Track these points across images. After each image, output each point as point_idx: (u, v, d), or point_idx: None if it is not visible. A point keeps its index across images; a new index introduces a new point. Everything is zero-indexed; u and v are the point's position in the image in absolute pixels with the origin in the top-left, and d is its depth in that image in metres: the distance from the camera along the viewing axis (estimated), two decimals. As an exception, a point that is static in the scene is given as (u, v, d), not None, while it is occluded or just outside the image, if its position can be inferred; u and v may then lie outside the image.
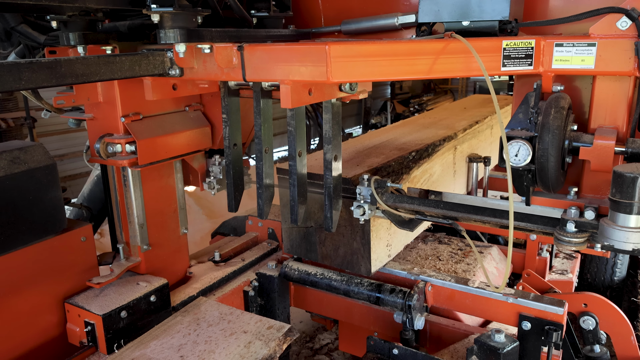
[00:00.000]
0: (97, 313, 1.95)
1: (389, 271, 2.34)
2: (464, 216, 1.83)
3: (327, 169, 1.86)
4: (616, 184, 1.36)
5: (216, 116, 2.40)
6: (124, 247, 2.24)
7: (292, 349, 4.04)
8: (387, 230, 2.27)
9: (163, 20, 1.61)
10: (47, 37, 2.08)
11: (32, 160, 1.87)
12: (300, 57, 1.51)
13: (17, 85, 1.35)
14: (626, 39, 1.47)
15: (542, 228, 1.65)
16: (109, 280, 2.08)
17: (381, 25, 1.93)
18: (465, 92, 14.68)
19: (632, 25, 1.46)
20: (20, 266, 1.87)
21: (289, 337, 2.01)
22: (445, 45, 1.57)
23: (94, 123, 2.14)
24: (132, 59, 1.64)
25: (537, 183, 1.61)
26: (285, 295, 2.63)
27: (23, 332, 1.92)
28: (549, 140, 1.50)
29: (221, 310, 2.21)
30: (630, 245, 1.38)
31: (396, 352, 2.08)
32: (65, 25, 1.87)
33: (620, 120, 1.59)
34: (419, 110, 12.48)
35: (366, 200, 1.95)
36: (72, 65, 1.47)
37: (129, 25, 1.95)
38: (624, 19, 1.47)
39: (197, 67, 1.75)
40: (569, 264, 3.29)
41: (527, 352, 1.97)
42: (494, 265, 2.89)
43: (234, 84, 1.96)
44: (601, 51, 1.51)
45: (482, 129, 3.34)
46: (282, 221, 2.44)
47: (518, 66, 1.59)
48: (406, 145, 2.70)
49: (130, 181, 2.16)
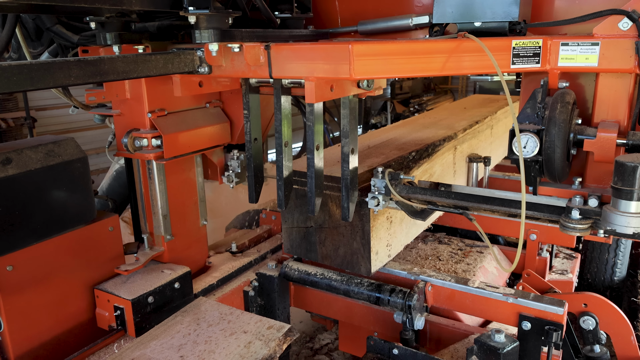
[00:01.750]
0: (126, 298, 2.05)
1: (389, 271, 2.34)
2: (474, 205, 1.89)
3: (345, 161, 1.93)
4: (618, 172, 1.47)
5: (234, 112, 2.50)
6: (148, 237, 2.34)
7: (292, 349, 4.04)
8: (387, 231, 2.27)
9: (199, 21, 1.71)
10: (80, 37, 2.19)
11: (65, 153, 2.00)
12: (325, 55, 1.62)
13: (67, 80, 1.44)
14: (627, 39, 1.57)
15: (548, 216, 1.74)
16: (136, 268, 2.18)
17: (396, 25, 2.04)
18: (465, 92, 14.67)
19: (632, 26, 1.56)
20: (54, 253, 1.97)
21: (289, 337, 2.01)
22: (458, 44, 1.68)
23: (121, 118, 2.24)
24: (166, 58, 1.76)
25: (544, 173, 1.72)
26: (285, 295, 2.63)
27: (55, 316, 2.02)
28: (556, 133, 1.62)
29: (221, 310, 2.21)
30: (631, 229, 1.47)
31: (396, 352, 2.08)
32: (103, 26, 1.96)
33: (622, 114, 1.70)
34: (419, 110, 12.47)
35: (380, 191, 2.01)
36: (114, 63, 1.57)
37: (158, 26, 2.06)
38: (625, 20, 1.57)
39: (225, 64, 1.85)
40: (569, 264, 3.29)
41: (527, 352, 1.97)
42: (494, 265, 2.89)
43: (255, 82, 2.03)
44: (604, 50, 1.61)
45: (482, 129, 3.34)
46: (282, 221, 2.44)
47: (526, 64, 1.70)
48: (406, 145, 2.70)
49: (155, 174, 2.26)
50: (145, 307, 2.10)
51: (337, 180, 2.15)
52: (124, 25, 1.99)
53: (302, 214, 2.34)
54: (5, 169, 1.80)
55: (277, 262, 2.64)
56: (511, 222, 2.95)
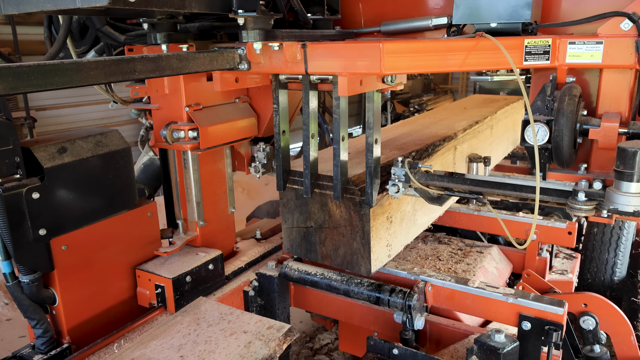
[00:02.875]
0: (167, 277, 2.25)
1: (389, 271, 2.34)
2: (487, 191, 2.00)
3: (369, 151, 2.07)
4: (620, 157, 1.62)
5: (261, 107, 2.70)
6: (182, 223, 2.54)
7: (292, 349, 4.04)
8: (387, 231, 2.27)
9: (246, 22, 1.88)
10: (126, 37, 2.35)
11: (112, 144, 2.19)
12: (357, 53, 1.77)
13: (132, 75, 1.58)
14: (628, 38, 1.79)
15: (556, 199, 1.87)
16: (173, 250, 2.40)
17: (417, 26, 2.23)
18: (465, 92, 14.67)
19: (633, 26, 1.78)
20: (101, 235, 2.18)
21: (289, 337, 2.01)
22: (476, 43, 1.87)
23: (160, 112, 2.42)
24: (211, 55, 1.89)
25: (553, 160, 1.93)
26: (285, 295, 2.63)
27: (101, 293, 2.23)
28: (564, 123, 1.82)
29: (221, 310, 2.21)
30: (632, 207, 1.64)
31: (396, 352, 2.08)
32: (154, 27, 2.12)
33: (623, 106, 1.92)
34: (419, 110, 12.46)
35: (400, 179, 2.13)
36: (169, 60, 1.72)
37: (199, 27, 2.23)
38: (626, 21, 1.79)
39: (264, 62, 1.99)
40: (569, 264, 3.29)
41: (527, 352, 1.97)
42: (494, 265, 2.89)
43: (284, 78, 2.17)
44: (607, 48, 1.81)
45: (482, 129, 3.33)
46: (282, 221, 2.44)
47: (537, 61, 1.89)
48: (406, 145, 2.70)
49: (190, 164, 2.46)
50: (183, 285, 2.30)
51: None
52: (172, 27, 2.15)
53: (302, 214, 2.34)
54: (61, 157, 1.99)
55: (277, 262, 2.64)
56: (511, 222, 2.95)
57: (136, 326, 2.17)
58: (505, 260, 3.03)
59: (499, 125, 3.73)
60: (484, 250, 2.95)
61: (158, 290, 2.28)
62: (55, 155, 1.98)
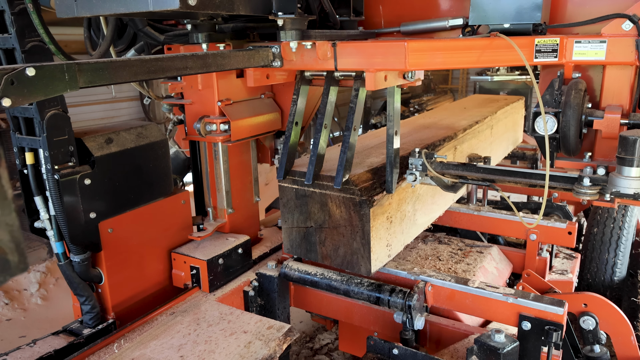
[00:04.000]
0: (202, 259, 2.44)
1: (389, 271, 2.34)
2: (499, 178, 2.16)
3: (389, 142, 2.18)
4: (622, 144, 1.79)
5: (285, 103, 2.89)
6: (212, 210, 2.74)
7: (292, 349, 4.04)
8: (387, 231, 2.27)
9: (285, 23, 2.05)
10: (165, 37, 2.49)
11: (151, 135, 2.37)
12: (384, 51, 1.93)
13: (184, 71, 1.72)
14: (629, 38, 1.96)
15: (563, 185, 2.03)
16: (206, 235, 2.59)
17: (434, 27, 2.41)
18: (465, 92, 14.66)
19: (633, 27, 1.95)
20: (142, 220, 2.38)
21: (289, 337, 2.01)
22: (491, 42, 2.06)
23: (193, 107, 2.60)
24: (249, 54, 2.05)
25: (560, 149, 2.09)
26: (285, 295, 2.63)
27: (141, 274, 2.43)
28: (571, 114, 1.99)
29: (221, 310, 2.21)
30: (632, 190, 1.80)
31: (396, 352, 2.08)
32: (196, 27, 2.25)
33: (625, 99, 2.08)
34: (419, 110, 12.45)
35: (417, 168, 2.26)
36: (215, 58, 1.85)
37: (233, 27, 2.39)
38: (627, 22, 1.95)
39: (296, 59, 2.14)
40: (569, 264, 3.29)
41: (527, 352, 1.97)
42: (494, 265, 2.89)
43: (309, 74, 2.32)
44: (610, 46, 1.99)
45: (482, 129, 3.33)
46: (282, 221, 2.44)
47: (546, 58, 2.07)
48: (406, 145, 2.70)
49: (220, 155, 2.64)
50: (217, 267, 2.48)
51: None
52: (212, 27, 2.28)
53: (302, 214, 2.34)
54: (109, 147, 2.19)
55: (277, 262, 2.64)
56: (511, 222, 2.95)
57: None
58: (505, 260, 3.03)
59: (499, 125, 3.73)
60: (484, 250, 2.95)
61: (193, 271, 2.48)
62: (103, 145, 2.17)
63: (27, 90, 1.27)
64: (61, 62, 1.37)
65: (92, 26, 2.61)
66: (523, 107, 4.57)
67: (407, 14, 2.51)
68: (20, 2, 2.06)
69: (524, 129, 4.70)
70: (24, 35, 2.09)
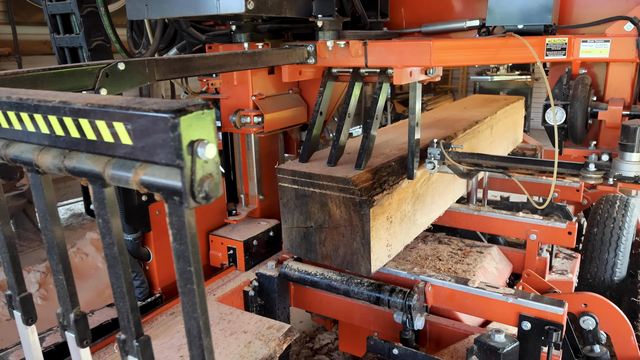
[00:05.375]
0: (238, 240, 2.69)
1: (389, 271, 2.34)
2: (512, 165, 2.39)
3: (411, 133, 2.37)
4: (624, 133, 2.01)
5: (310, 98, 3.10)
6: (244, 197, 2.99)
7: (292, 349, 4.04)
8: (387, 231, 2.27)
9: (323, 24, 2.29)
10: (207, 37, 2.68)
11: None
12: (411, 49, 2.18)
13: (237, 66, 1.92)
14: (630, 37, 2.17)
15: (570, 170, 2.25)
16: (240, 219, 2.86)
17: (453, 27, 2.62)
18: (465, 92, 14.66)
19: (634, 28, 2.16)
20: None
21: (289, 337, 2.01)
22: (506, 41, 2.30)
23: (228, 101, 2.80)
24: (288, 52, 2.27)
25: (568, 137, 2.28)
26: (285, 295, 2.63)
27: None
28: (578, 106, 2.19)
29: (221, 310, 2.21)
30: (633, 173, 2.02)
31: (396, 352, 2.08)
32: (240, 28, 2.45)
33: (626, 93, 2.29)
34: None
35: (435, 157, 2.46)
36: (261, 55, 2.03)
37: (269, 28, 2.59)
38: (629, 24, 2.17)
39: (329, 57, 2.39)
40: (569, 264, 3.29)
41: (527, 352, 1.97)
42: (494, 265, 2.89)
43: (336, 71, 2.54)
44: (613, 45, 2.19)
45: (482, 129, 3.33)
46: (282, 221, 2.44)
47: (556, 56, 2.28)
48: (406, 145, 2.70)
49: (253, 146, 2.88)
50: (251, 247, 2.70)
51: (336, 180, 2.16)
52: (253, 28, 2.49)
53: (302, 214, 2.34)
54: None
55: (277, 262, 2.64)
56: (511, 222, 2.95)
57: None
58: (505, 260, 3.03)
59: (499, 125, 3.73)
60: (484, 250, 2.95)
61: (230, 251, 2.72)
62: None
63: (118, 81, 1.48)
64: (143, 58, 1.57)
65: (134, 28, 2.88)
66: (523, 107, 4.57)
67: (427, 15, 2.75)
68: (88, 5, 2.35)
69: (524, 129, 4.70)
70: (90, 35, 2.38)
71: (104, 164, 0.82)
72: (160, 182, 0.76)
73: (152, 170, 0.77)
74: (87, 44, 2.35)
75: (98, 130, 0.80)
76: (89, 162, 0.85)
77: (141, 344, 0.94)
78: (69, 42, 2.43)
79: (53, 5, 2.47)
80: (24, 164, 0.94)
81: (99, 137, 0.80)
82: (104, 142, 0.80)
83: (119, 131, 0.77)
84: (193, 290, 0.81)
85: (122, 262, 0.91)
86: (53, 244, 1.01)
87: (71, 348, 1.08)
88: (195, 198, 0.74)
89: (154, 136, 0.73)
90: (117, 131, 0.77)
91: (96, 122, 0.79)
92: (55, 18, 2.52)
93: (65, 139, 0.85)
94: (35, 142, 0.91)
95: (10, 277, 1.11)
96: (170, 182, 0.75)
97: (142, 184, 0.79)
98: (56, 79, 1.31)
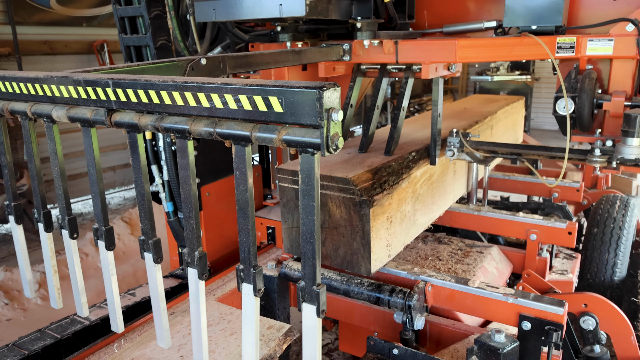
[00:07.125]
0: (276, 220, 2.96)
1: (389, 271, 2.34)
2: (525, 152, 2.73)
3: (434, 123, 2.62)
4: (626, 121, 2.29)
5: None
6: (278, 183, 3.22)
7: (292, 349, 4.03)
8: (387, 231, 2.27)
9: (362, 25, 2.51)
10: (250, 36, 2.87)
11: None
12: (438, 47, 2.45)
13: (286, 63, 2.13)
14: (632, 37, 2.41)
15: (578, 156, 2.57)
16: (276, 202, 3.27)
17: (472, 28, 2.87)
18: (465, 92, 14.65)
19: (635, 28, 2.41)
20: (228, 188, 3.01)
21: (289, 337, 2.01)
22: (521, 40, 2.56)
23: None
24: (327, 50, 2.52)
25: (577, 126, 2.55)
26: (285, 295, 2.63)
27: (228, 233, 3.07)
28: (585, 98, 2.45)
29: (221, 310, 2.21)
30: (634, 155, 2.31)
31: (396, 352, 2.08)
32: (284, 29, 2.63)
33: (628, 86, 2.53)
34: (419, 110, 12.46)
35: (455, 146, 2.75)
36: (305, 53, 2.25)
37: (307, 29, 2.78)
38: (630, 25, 2.42)
39: (362, 54, 2.61)
40: (569, 264, 3.29)
41: (527, 352, 1.97)
42: (494, 265, 2.89)
43: (365, 67, 2.77)
44: (616, 44, 2.44)
45: (482, 129, 3.33)
46: (282, 221, 2.44)
47: (565, 53, 2.53)
48: (406, 145, 2.70)
49: None
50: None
51: (336, 180, 2.16)
52: (295, 29, 2.66)
53: (302, 214, 2.33)
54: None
55: (277, 262, 2.63)
56: (511, 222, 2.95)
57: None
58: (505, 260, 3.03)
59: (499, 125, 3.73)
60: (484, 250, 2.95)
61: (269, 230, 3.02)
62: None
63: (200, 74, 1.72)
64: (218, 55, 1.82)
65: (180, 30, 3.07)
66: (523, 107, 4.57)
67: (447, 17, 3.03)
68: (155, 8, 2.64)
69: (524, 129, 4.70)
70: (156, 35, 2.66)
71: (251, 128, 1.13)
72: (299, 139, 1.06)
73: (292, 130, 1.08)
74: (154, 43, 2.63)
75: (254, 102, 1.07)
76: (237, 127, 1.15)
77: (256, 272, 1.27)
78: (136, 42, 2.72)
79: (123, 9, 2.77)
80: (177, 132, 1.25)
81: (254, 107, 1.07)
82: (259, 111, 1.07)
83: (272, 103, 1.05)
84: (313, 220, 1.22)
85: (250, 207, 1.23)
86: (189, 195, 1.32)
87: (191, 282, 1.38)
88: (329, 149, 1.03)
89: (303, 105, 1.01)
90: (272, 102, 1.05)
91: (254, 97, 1.07)
92: (124, 20, 2.82)
93: (223, 110, 1.13)
94: (195, 114, 1.18)
95: (145, 224, 1.47)
96: (308, 139, 1.05)
97: (284, 141, 1.08)
98: (157, 70, 1.64)
